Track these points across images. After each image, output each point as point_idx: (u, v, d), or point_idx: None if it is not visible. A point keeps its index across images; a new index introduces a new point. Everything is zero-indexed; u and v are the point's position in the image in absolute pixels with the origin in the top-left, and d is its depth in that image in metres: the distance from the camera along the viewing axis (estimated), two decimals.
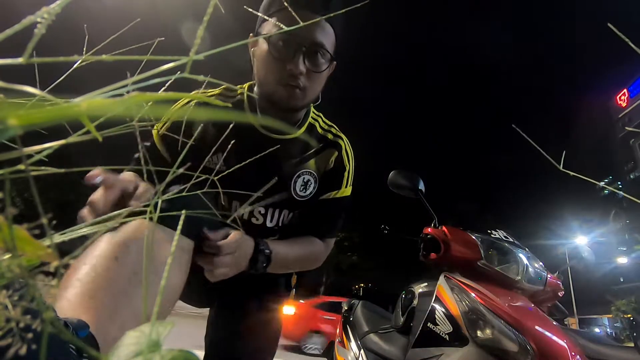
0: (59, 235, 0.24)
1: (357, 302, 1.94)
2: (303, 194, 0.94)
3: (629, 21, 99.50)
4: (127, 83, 0.15)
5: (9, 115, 0.10)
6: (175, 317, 0.65)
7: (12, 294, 0.17)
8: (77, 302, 0.42)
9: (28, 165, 0.14)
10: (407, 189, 1.32)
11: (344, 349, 1.74)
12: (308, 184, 0.94)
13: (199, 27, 0.17)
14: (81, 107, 0.11)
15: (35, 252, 0.16)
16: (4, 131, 0.10)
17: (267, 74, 0.82)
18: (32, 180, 0.14)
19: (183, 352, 0.14)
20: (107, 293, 0.44)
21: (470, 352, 0.96)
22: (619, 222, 3.98)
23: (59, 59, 0.15)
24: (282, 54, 0.79)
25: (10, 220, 0.13)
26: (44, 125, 0.11)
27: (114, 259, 0.48)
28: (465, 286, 1.08)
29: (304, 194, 0.94)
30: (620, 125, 38.49)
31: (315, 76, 0.83)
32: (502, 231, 1.28)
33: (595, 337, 1.54)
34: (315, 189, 0.96)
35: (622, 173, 38.77)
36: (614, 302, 26.72)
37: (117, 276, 0.46)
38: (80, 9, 23.89)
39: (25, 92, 0.13)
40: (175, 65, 0.17)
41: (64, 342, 0.30)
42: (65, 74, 0.29)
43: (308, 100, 0.87)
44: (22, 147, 0.13)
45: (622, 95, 39.42)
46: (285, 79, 0.80)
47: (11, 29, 0.14)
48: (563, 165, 0.31)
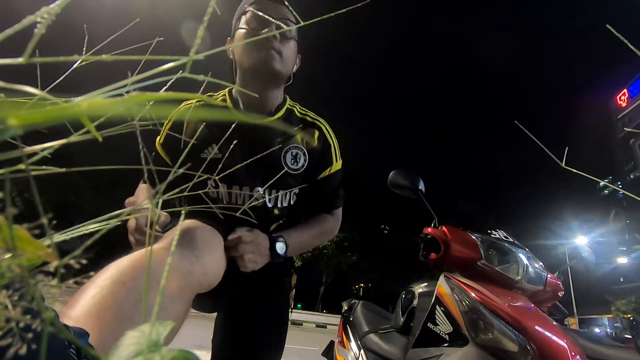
0: (58, 234, 0.24)
1: (357, 302, 1.94)
2: (295, 167, 1.01)
3: (629, 21, 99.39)
4: (127, 83, 0.15)
5: (9, 115, 0.10)
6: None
7: (12, 294, 0.17)
8: (82, 321, 0.41)
9: (28, 165, 0.13)
10: (407, 189, 1.32)
11: (344, 349, 1.74)
12: (298, 157, 1.01)
13: (199, 27, 0.17)
14: (81, 107, 0.11)
15: (36, 252, 0.16)
16: (4, 131, 0.10)
17: (246, 49, 0.93)
18: (32, 180, 0.14)
19: (183, 352, 0.14)
20: (113, 316, 0.44)
21: (470, 352, 0.96)
22: (619, 222, 3.98)
23: (59, 58, 0.15)
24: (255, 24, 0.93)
25: (10, 220, 0.13)
26: (44, 125, 0.11)
27: (121, 284, 0.47)
28: (465, 286, 1.08)
29: (296, 167, 1.01)
30: (620, 126, 38.49)
31: (287, 43, 0.95)
32: (502, 231, 1.28)
33: (595, 337, 1.54)
34: (307, 162, 1.02)
35: (622, 173, 38.76)
36: (614, 302, 26.72)
37: (123, 302, 0.45)
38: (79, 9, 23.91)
39: (26, 92, 0.13)
40: (175, 65, 0.17)
41: (64, 345, 0.30)
42: (64, 73, 0.29)
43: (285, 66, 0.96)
44: (22, 147, 0.13)
45: (622, 95, 39.43)
46: (262, 43, 0.91)
47: (11, 29, 0.14)
48: (564, 164, 0.31)
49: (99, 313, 0.43)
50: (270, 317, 1.02)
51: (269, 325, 1.01)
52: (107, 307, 0.44)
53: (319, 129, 1.06)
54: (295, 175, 1.01)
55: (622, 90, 39.60)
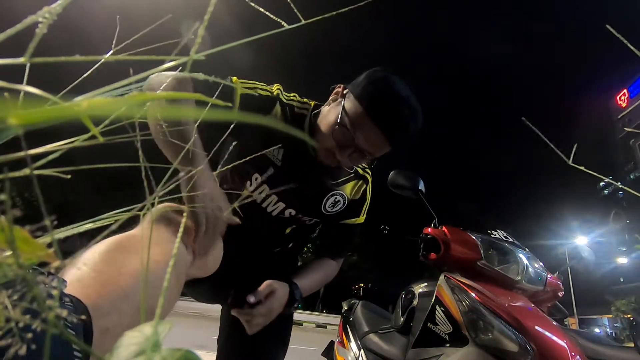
0: (57, 232, 0.24)
1: (357, 302, 1.94)
2: (330, 211, 1.05)
3: (630, 21, 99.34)
4: (128, 82, 0.15)
5: (9, 115, 0.10)
6: (175, 317, 0.68)
7: (12, 294, 0.17)
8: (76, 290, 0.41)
9: (33, 170, 0.13)
10: (407, 189, 1.32)
11: (344, 349, 1.74)
12: (337, 204, 1.05)
13: (199, 27, 0.17)
14: (82, 107, 0.11)
15: (36, 253, 0.16)
16: (4, 130, 0.10)
17: (324, 135, 0.89)
18: (35, 182, 0.14)
19: (183, 351, 0.14)
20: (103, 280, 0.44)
21: (470, 352, 0.95)
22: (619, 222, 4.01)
23: (60, 58, 0.15)
24: (338, 139, 0.87)
25: (11, 221, 0.13)
26: (44, 125, 0.11)
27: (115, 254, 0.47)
28: (465, 286, 1.08)
29: (331, 211, 1.05)
30: (620, 126, 38.48)
31: (351, 164, 0.93)
32: (502, 231, 1.28)
33: (595, 337, 1.54)
34: (341, 210, 1.06)
35: (622, 173, 38.75)
36: (613, 302, 26.71)
37: (116, 273, 0.46)
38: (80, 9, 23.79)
39: (26, 92, 0.13)
40: (175, 64, 0.17)
41: (68, 346, 0.30)
42: (67, 74, 0.29)
43: (338, 166, 0.96)
44: (26, 149, 0.13)
45: (622, 95, 39.41)
46: (330, 150, 0.88)
47: (12, 29, 0.14)
48: (571, 161, 0.31)
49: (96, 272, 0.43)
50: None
51: (273, 320, 1.01)
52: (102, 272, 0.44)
53: (366, 184, 1.09)
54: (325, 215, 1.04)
55: (622, 90, 39.57)
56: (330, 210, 1.04)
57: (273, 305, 0.85)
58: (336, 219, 1.07)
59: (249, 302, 0.82)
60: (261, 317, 0.83)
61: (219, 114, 0.12)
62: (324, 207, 1.02)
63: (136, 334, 0.15)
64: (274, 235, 1.06)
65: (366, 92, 0.84)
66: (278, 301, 0.86)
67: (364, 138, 0.84)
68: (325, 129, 0.89)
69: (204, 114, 0.11)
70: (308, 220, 1.05)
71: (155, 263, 0.51)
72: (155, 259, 0.51)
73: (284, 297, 0.89)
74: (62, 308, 0.30)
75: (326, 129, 0.89)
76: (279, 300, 0.87)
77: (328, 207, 1.03)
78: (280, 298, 0.87)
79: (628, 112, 38.00)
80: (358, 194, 1.08)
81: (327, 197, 1.02)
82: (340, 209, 1.05)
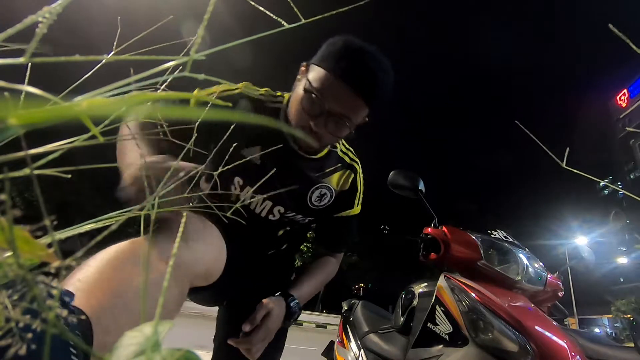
0: (57, 233, 0.24)
1: (357, 302, 1.94)
2: (317, 205, 1.01)
3: (630, 21, 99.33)
4: (128, 82, 0.15)
5: (9, 115, 0.10)
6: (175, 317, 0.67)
7: (12, 294, 0.17)
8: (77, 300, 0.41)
9: (33, 170, 0.13)
10: (407, 189, 1.32)
11: (344, 349, 1.74)
12: (323, 197, 1.01)
13: (200, 27, 0.17)
14: (82, 107, 0.11)
15: (36, 253, 0.16)
16: (4, 130, 0.10)
17: (296, 111, 0.86)
18: (36, 182, 0.14)
19: (183, 351, 0.14)
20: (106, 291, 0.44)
21: (470, 352, 0.95)
22: (619, 222, 4.01)
23: (60, 58, 0.15)
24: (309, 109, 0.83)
25: (11, 221, 0.13)
26: (44, 125, 0.11)
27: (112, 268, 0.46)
28: (465, 286, 1.08)
29: (318, 204, 1.01)
30: (620, 126, 38.49)
31: (332, 137, 0.89)
32: (502, 231, 1.28)
33: (595, 337, 1.54)
34: (330, 202, 1.03)
35: (622, 173, 38.77)
36: (614, 302, 26.71)
37: (117, 282, 0.45)
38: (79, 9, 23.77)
39: (26, 92, 0.13)
40: (175, 64, 0.17)
41: (65, 343, 0.30)
42: (69, 74, 0.29)
43: (323, 146, 0.94)
44: (26, 149, 0.13)
45: (622, 95, 39.42)
46: (306, 126, 0.84)
47: (13, 29, 0.14)
48: (565, 164, 0.31)
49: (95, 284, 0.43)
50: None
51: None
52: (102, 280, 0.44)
53: (354, 173, 1.05)
54: (314, 210, 1.01)
55: (622, 90, 39.59)
56: (317, 204, 1.01)
57: (270, 327, 0.83)
58: (329, 212, 1.04)
59: (245, 332, 0.80)
60: (260, 343, 0.82)
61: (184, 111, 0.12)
62: (309, 200, 0.99)
63: (136, 334, 0.15)
64: (267, 238, 1.04)
65: (326, 54, 0.81)
66: (275, 322, 0.84)
67: (332, 99, 0.80)
68: (295, 106, 0.85)
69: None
70: (301, 219, 1.02)
71: (159, 273, 0.50)
72: (159, 269, 0.51)
73: (281, 313, 0.87)
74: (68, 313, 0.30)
75: (296, 105, 0.85)
76: (275, 320, 0.85)
77: (314, 200, 1.00)
78: (276, 317, 0.85)
79: (628, 112, 38.01)
80: (347, 184, 1.04)
81: (312, 190, 0.99)
82: (328, 202, 1.02)
